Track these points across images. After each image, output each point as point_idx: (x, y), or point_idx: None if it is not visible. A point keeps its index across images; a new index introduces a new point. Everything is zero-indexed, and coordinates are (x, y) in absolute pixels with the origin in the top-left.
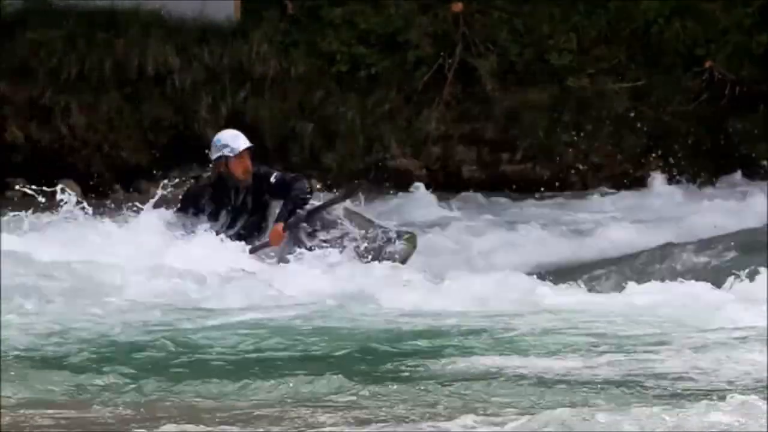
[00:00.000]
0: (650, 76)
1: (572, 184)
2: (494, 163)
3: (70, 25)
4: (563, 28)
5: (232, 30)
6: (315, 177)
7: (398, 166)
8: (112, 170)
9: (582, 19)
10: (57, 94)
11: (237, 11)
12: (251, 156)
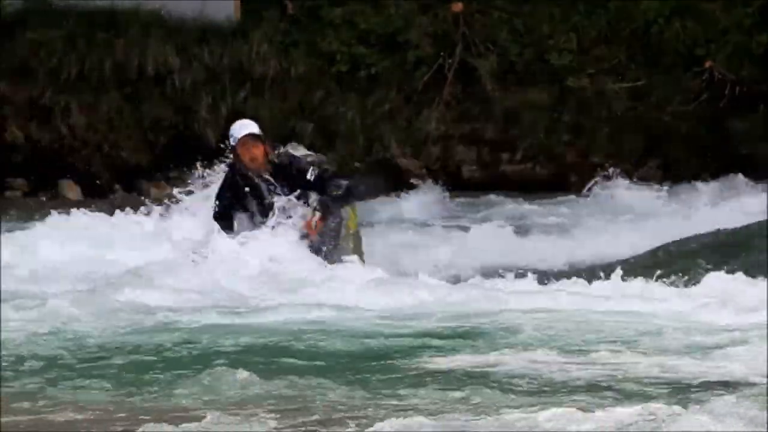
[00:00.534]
0: (650, 76)
1: (572, 184)
2: (494, 163)
3: (70, 25)
4: (563, 28)
5: (232, 30)
6: None
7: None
8: (112, 170)
9: (582, 19)
10: (57, 94)
11: (237, 11)
12: (263, 144)
